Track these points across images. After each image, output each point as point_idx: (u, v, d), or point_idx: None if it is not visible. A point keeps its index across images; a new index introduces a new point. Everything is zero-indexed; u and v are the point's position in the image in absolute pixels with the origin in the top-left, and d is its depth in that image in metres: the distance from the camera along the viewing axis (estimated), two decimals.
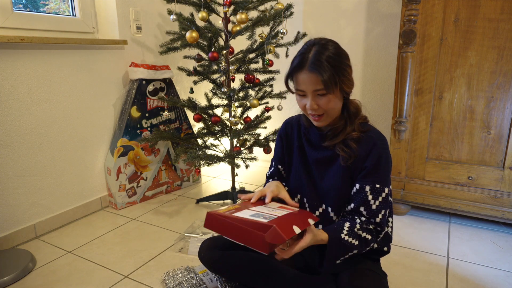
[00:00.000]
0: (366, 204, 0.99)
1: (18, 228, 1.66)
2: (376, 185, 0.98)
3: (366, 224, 0.99)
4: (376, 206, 0.98)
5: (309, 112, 0.99)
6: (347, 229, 0.96)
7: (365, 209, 0.99)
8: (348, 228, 0.96)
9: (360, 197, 0.99)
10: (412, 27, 1.62)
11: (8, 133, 1.58)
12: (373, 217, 0.99)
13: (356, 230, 0.96)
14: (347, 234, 0.95)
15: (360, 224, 0.98)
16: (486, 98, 1.63)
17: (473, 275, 1.42)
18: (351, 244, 0.95)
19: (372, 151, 0.98)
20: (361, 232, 0.97)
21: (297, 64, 0.96)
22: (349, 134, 1.00)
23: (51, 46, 1.70)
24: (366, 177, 0.99)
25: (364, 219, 0.99)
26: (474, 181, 1.73)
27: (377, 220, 0.99)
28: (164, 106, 2.16)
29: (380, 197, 0.99)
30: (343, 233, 0.95)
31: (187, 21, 1.65)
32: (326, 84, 0.92)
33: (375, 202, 0.98)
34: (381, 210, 0.99)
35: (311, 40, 1.00)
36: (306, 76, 0.94)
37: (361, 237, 0.96)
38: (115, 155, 1.95)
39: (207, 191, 2.30)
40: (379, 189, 0.99)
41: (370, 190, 0.98)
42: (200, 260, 1.21)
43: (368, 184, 0.99)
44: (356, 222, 0.98)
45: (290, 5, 1.77)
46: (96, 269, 1.46)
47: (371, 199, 0.98)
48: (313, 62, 0.93)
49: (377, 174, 0.99)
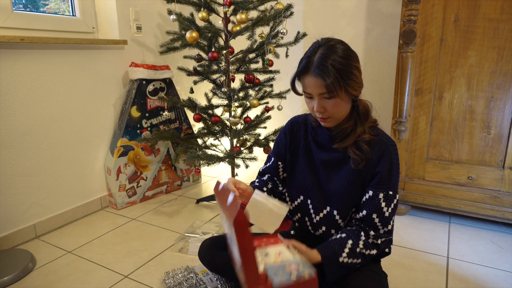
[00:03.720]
0: (379, 211, 0.97)
1: (18, 228, 1.66)
2: (390, 192, 0.97)
3: (375, 238, 0.97)
4: (388, 213, 0.97)
5: (317, 114, 0.98)
6: (348, 250, 0.94)
7: (378, 216, 0.97)
8: (350, 248, 0.94)
9: (373, 205, 0.97)
10: (412, 27, 1.62)
11: (8, 133, 1.58)
12: (385, 225, 0.97)
13: (358, 250, 0.95)
14: (348, 255, 0.94)
15: (364, 241, 0.96)
16: (486, 98, 1.63)
17: (473, 275, 1.42)
18: (352, 263, 0.95)
19: (383, 156, 0.97)
20: (364, 250, 0.95)
21: (303, 67, 0.96)
22: (361, 136, 0.99)
23: (51, 46, 1.70)
24: (380, 184, 0.97)
25: (372, 234, 0.97)
26: (474, 181, 1.73)
27: (389, 227, 0.98)
28: (164, 106, 2.16)
29: (392, 204, 0.98)
30: (342, 256, 0.94)
31: (187, 21, 1.65)
32: (329, 89, 0.91)
33: (388, 210, 0.97)
34: (392, 217, 0.99)
35: (319, 41, 0.98)
36: (311, 80, 0.94)
37: (365, 255, 0.96)
38: (115, 155, 1.95)
39: (207, 191, 2.30)
40: (392, 196, 0.98)
41: (384, 197, 0.97)
42: (200, 260, 1.21)
43: (381, 192, 0.97)
44: (360, 239, 0.96)
45: (290, 5, 1.77)
46: (96, 269, 1.46)
47: (384, 207, 0.97)
48: (317, 66, 0.92)
49: (390, 181, 0.97)
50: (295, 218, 1.16)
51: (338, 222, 1.04)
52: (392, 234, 1.01)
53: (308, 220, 1.11)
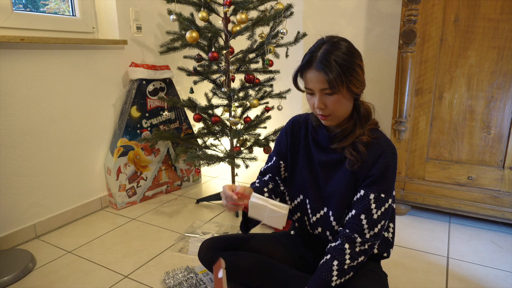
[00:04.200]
0: (368, 212, 0.96)
1: (18, 228, 1.66)
2: (381, 194, 0.96)
3: (361, 244, 0.96)
4: (377, 216, 0.96)
5: (317, 111, 0.98)
6: (336, 272, 0.95)
7: (366, 217, 0.96)
8: (338, 269, 0.95)
9: (363, 205, 0.97)
10: (412, 27, 1.62)
11: (8, 133, 1.58)
12: (372, 227, 0.96)
13: (347, 267, 0.96)
14: (338, 276, 0.95)
15: (351, 253, 0.96)
16: (486, 98, 1.63)
17: (473, 275, 1.42)
18: (346, 280, 0.97)
19: (379, 159, 0.96)
20: (353, 263, 0.96)
21: (306, 62, 0.96)
22: (359, 137, 0.98)
23: (51, 46, 1.70)
24: (372, 185, 0.97)
25: (359, 241, 0.96)
26: (474, 181, 1.73)
27: (376, 230, 0.97)
28: (164, 106, 2.16)
29: (383, 208, 0.97)
30: (332, 280, 0.95)
31: (187, 21, 1.65)
32: (331, 84, 0.91)
33: (377, 212, 0.96)
34: (381, 220, 0.97)
35: (323, 37, 0.98)
36: (314, 74, 0.93)
37: (354, 266, 0.97)
38: (115, 155, 1.95)
39: (207, 191, 2.30)
40: (383, 199, 0.96)
41: (374, 199, 0.96)
42: (200, 260, 1.21)
43: (373, 192, 0.96)
44: (345, 255, 0.96)
45: (290, 5, 1.77)
46: (96, 269, 1.46)
47: (373, 208, 0.96)
48: (320, 61, 0.92)
49: (383, 183, 0.96)
50: (295, 217, 1.16)
51: (333, 225, 1.04)
52: (379, 237, 0.98)
53: (306, 219, 1.12)
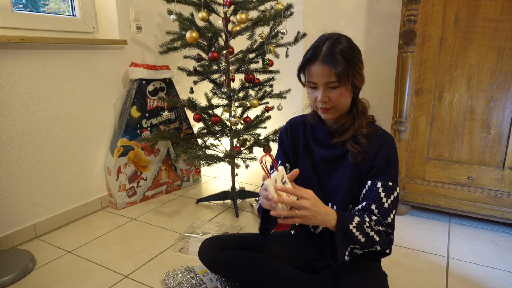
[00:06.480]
0: (378, 202, 0.96)
1: (18, 228, 1.66)
2: (389, 182, 0.97)
3: (377, 224, 0.95)
4: (388, 205, 0.96)
5: (319, 105, 0.99)
6: (356, 223, 0.92)
7: (377, 207, 0.96)
8: (358, 222, 0.92)
9: (372, 195, 0.97)
10: (412, 27, 1.62)
11: (8, 133, 1.58)
12: (384, 217, 0.96)
13: (365, 227, 0.92)
14: (356, 227, 0.91)
15: (370, 222, 0.94)
16: (486, 98, 1.63)
17: (473, 275, 1.42)
18: (356, 238, 0.91)
19: (381, 149, 0.98)
20: (369, 230, 0.93)
21: (310, 56, 0.96)
22: (359, 130, 1.00)
23: (51, 46, 1.70)
24: (377, 175, 0.97)
25: (375, 218, 0.95)
26: (474, 181, 1.73)
27: (389, 220, 0.96)
28: (164, 106, 2.16)
29: (392, 196, 0.97)
30: (352, 224, 0.91)
31: (187, 21, 1.65)
32: (339, 77, 0.92)
33: (387, 201, 0.96)
34: (392, 210, 0.97)
35: (324, 34, 1.00)
36: (319, 68, 0.94)
37: (369, 235, 0.93)
38: (115, 155, 1.95)
39: (207, 191, 2.30)
40: (391, 187, 0.97)
41: (383, 187, 0.96)
42: (200, 260, 1.21)
43: (380, 181, 0.97)
44: (365, 220, 0.94)
45: (290, 5, 1.77)
46: (96, 269, 1.46)
47: (383, 197, 0.96)
48: (327, 54, 0.93)
49: (388, 172, 0.97)
50: None
51: None
52: (393, 228, 0.98)
53: None
